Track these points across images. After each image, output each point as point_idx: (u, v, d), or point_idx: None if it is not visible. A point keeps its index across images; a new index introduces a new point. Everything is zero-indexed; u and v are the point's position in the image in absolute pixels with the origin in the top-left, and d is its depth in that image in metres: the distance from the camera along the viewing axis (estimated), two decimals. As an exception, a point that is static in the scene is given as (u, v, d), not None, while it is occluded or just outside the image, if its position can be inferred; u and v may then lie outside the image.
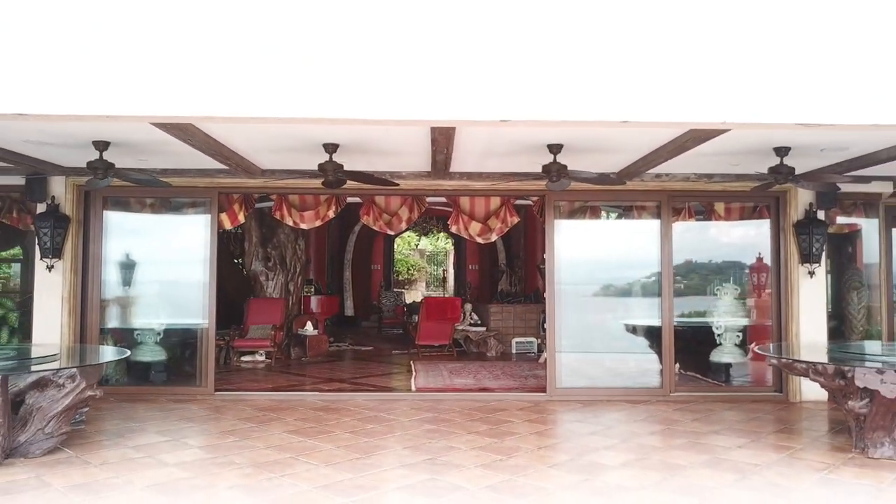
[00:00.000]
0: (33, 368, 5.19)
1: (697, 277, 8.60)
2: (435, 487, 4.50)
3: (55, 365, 5.42)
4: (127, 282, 8.01)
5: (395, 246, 21.82)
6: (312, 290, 12.87)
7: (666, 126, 4.99)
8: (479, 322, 12.31)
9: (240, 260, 11.96)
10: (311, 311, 12.32)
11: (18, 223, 7.82)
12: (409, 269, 26.85)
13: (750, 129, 5.01)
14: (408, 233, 21.50)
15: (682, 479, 4.72)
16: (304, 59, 4.03)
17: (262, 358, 10.26)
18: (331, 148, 6.06)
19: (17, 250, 8.53)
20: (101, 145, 6.02)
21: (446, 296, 22.14)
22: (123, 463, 5.03)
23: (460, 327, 11.94)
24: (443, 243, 25.41)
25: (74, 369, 5.25)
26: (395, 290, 19.87)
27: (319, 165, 6.18)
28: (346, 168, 6.29)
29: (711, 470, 4.91)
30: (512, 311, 12.33)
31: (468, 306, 12.51)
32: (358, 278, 17.96)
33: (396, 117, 4.21)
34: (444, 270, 26.63)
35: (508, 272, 16.63)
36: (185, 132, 5.32)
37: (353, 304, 17.51)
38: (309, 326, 11.04)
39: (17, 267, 8.53)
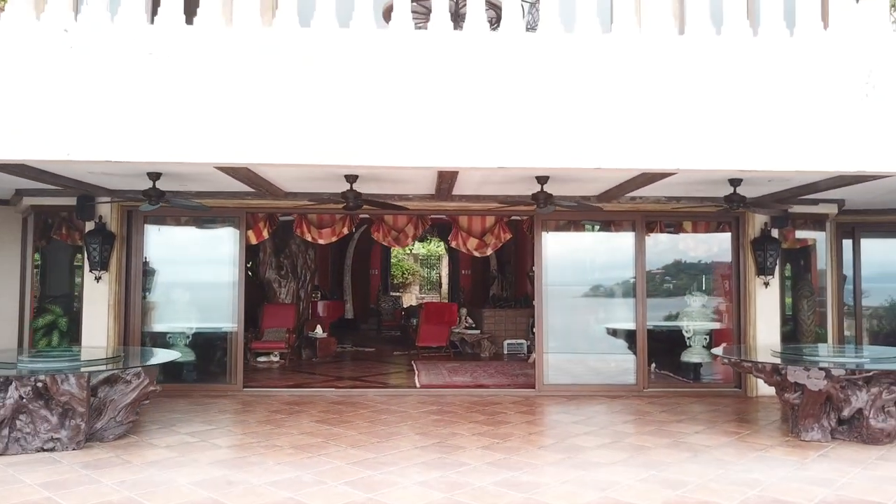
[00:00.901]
0: (105, 367, 6.19)
1: (669, 285, 9.67)
2: (445, 464, 5.54)
3: (120, 365, 6.42)
4: (163, 290, 9.00)
5: (392, 251, 22.77)
6: (318, 295, 13.88)
7: (629, 171, 6.08)
8: (473, 325, 13.36)
9: (249, 265, 12.91)
10: (317, 315, 13.34)
11: (67, 239, 8.82)
12: (403, 273, 27.83)
13: (696, 174, 6.10)
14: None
15: (646, 457, 5.78)
16: (339, 122, 5.08)
17: (276, 358, 11.26)
18: (351, 178, 7.08)
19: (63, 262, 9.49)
20: (154, 176, 7.02)
21: (440, 299, 23.19)
22: (184, 446, 6.05)
23: (456, 330, 12.99)
24: (435, 247, 26.45)
25: (139, 368, 6.26)
26: (392, 294, 20.88)
27: (342, 193, 7.21)
28: (362, 193, 7.33)
29: (671, 450, 5.98)
30: (503, 316, 13.38)
31: (464, 311, 13.57)
32: (357, 283, 18.96)
33: (412, 164, 5.32)
34: (437, 274, 27.73)
35: (500, 278, 17.71)
36: (234, 170, 6.35)
37: (353, 307, 18.52)
38: (319, 329, 12.06)
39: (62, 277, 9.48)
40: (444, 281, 26.20)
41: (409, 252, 28.17)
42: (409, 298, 25.19)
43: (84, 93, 5.24)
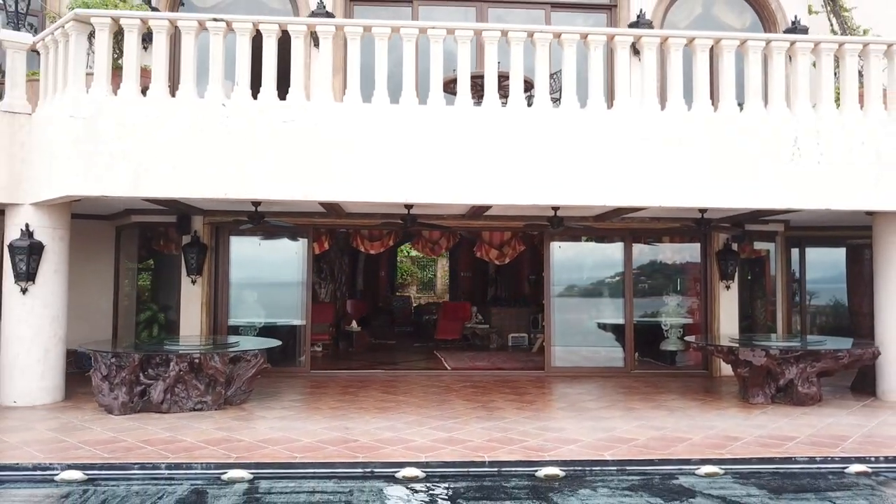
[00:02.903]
0: (238, 349, 8.23)
1: (651, 287, 11.85)
2: (492, 417, 7.66)
3: (238, 349, 8.45)
4: (243, 291, 11.01)
5: (397, 256, 24.78)
6: (346, 295, 15.92)
7: (612, 206, 8.27)
8: (482, 321, 15.50)
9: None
10: (346, 313, 15.39)
11: (164, 249, 10.83)
12: (402, 275, 29.88)
13: (665, 209, 8.28)
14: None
15: (636, 413, 7.95)
16: (400, 170, 7.21)
17: (319, 349, 13.29)
18: (409, 206, 9.17)
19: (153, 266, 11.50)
20: (256, 203, 9.06)
21: (436, 298, 25.28)
22: (294, 407, 8.12)
23: (469, 325, 15.13)
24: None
25: (258, 350, 8.30)
26: (399, 294, 22.92)
27: (401, 216, 9.32)
28: (416, 216, 9.44)
29: (654, 410, 8.15)
30: (508, 313, 15.51)
31: (474, 308, 15.70)
32: (367, 284, 20.99)
33: (455, 201, 7.47)
34: (432, 275, 29.83)
35: (497, 280, 19.85)
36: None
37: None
38: (354, 324, 14.13)
39: (158, 280, 11.47)
40: (439, 282, 28.49)
41: (407, 255, 30.23)
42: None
43: (234, 148, 7.32)
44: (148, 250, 11.07)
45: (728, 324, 10.95)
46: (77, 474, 5.73)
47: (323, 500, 5.26)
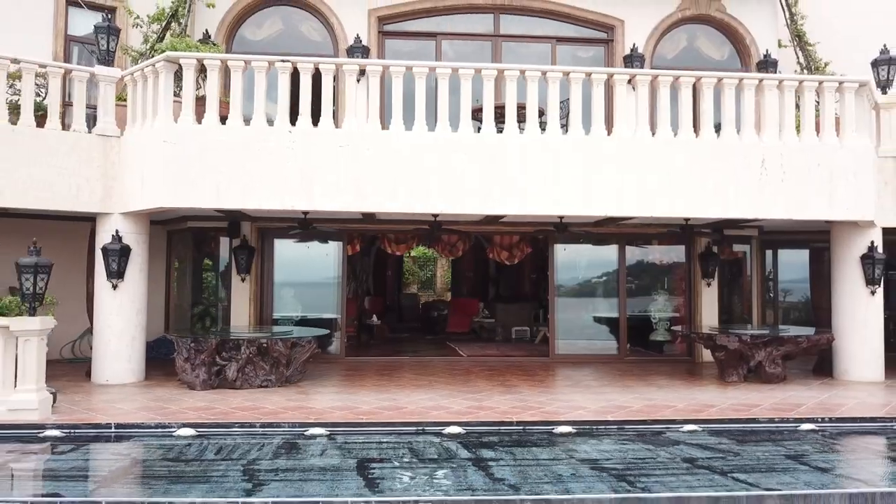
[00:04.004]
0: (295, 336, 9.73)
1: (642, 285, 13.43)
2: (511, 392, 9.20)
3: (296, 336, 9.95)
4: (286, 287, 12.51)
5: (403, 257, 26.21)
6: (366, 292, 17.43)
7: (610, 216, 9.82)
8: (488, 315, 17.06)
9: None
10: (365, 309, 16.89)
11: (214, 251, 12.30)
12: (403, 274, 31.37)
13: (654, 217, 9.82)
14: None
15: (630, 389, 9.51)
16: (427, 185, 8.75)
17: (345, 340, 14.77)
18: (436, 214, 10.69)
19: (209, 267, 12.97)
20: (305, 212, 10.55)
21: (435, 296, 26.80)
22: (343, 385, 9.64)
23: (476, 319, 16.67)
24: (423, 250, 30.12)
25: (311, 337, 9.81)
26: (405, 292, 24.43)
27: (429, 223, 10.84)
28: (441, 222, 10.96)
29: (645, 386, 9.72)
30: (512, 308, 17.05)
31: (481, 304, 17.26)
32: (376, 282, 22.47)
33: (480, 212, 9.01)
34: (431, 273, 31.40)
35: (499, 279, 21.37)
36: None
37: (375, 303, 22.03)
38: (374, 318, 15.65)
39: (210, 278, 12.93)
40: (438, 281, 30.10)
41: (408, 255, 31.74)
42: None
43: (298, 167, 8.82)
44: (199, 252, 12.54)
45: (709, 316, 12.54)
46: (190, 431, 7.22)
47: (389, 447, 6.77)
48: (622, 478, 5.76)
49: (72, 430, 7.15)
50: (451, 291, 25.41)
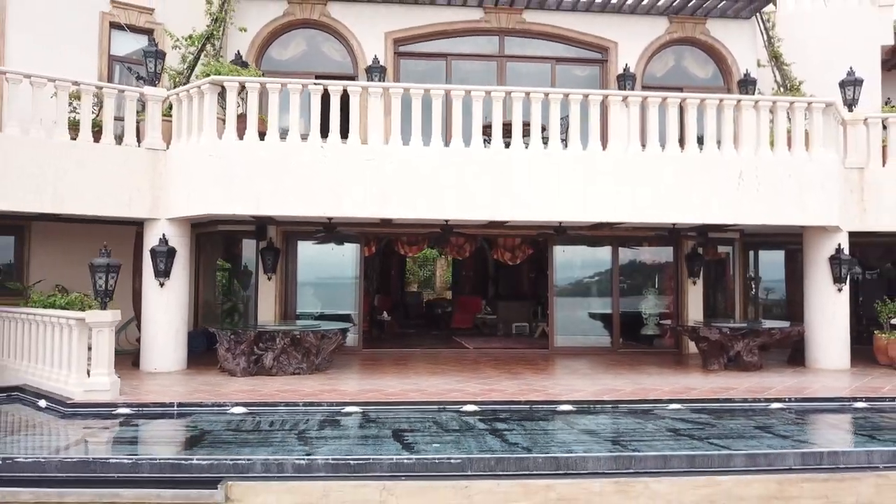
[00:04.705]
0: (324, 329, 10.85)
1: (633, 283, 14.60)
2: (517, 378, 10.35)
3: (321, 329, 11.07)
4: (308, 286, 13.63)
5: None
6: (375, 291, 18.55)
7: (602, 221, 10.98)
8: (490, 312, 18.22)
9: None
10: (375, 306, 18.02)
11: (241, 253, 13.39)
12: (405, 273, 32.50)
13: (642, 223, 10.97)
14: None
15: (623, 375, 10.68)
16: (437, 195, 9.91)
17: (362, 334, 15.89)
18: (447, 220, 11.81)
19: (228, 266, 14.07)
20: (329, 218, 11.65)
21: (435, 295, 27.95)
22: (367, 371, 10.76)
23: (479, 316, 17.83)
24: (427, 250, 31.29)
25: (338, 329, 10.93)
26: (408, 290, 25.57)
27: (441, 226, 11.98)
28: (452, 226, 12.10)
29: (636, 374, 10.88)
30: (512, 305, 18.22)
31: (483, 302, 18.42)
32: (382, 282, 23.60)
33: (490, 218, 10.13)
34: (430, 272, 32.59)
35: (497, 278, 22.53)
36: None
37: (381, 301, 23.15)
38: (385, 314, 16.79)
39: (236, 277, 14.03)
40: (437, 280, 31.34)
41: (410, 256, 32.90)
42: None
43: (329, 179, 9.93)
44: (227, 253, 13.64)
45: (695, 312, 13.72)
46: (242, 409, 8.33)
47: (417, 421, 7.90)
48: (616, 442, 6.92)
49: (140, 409, 8.26)
50: (452, 290, 26.58)
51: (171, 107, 10.82)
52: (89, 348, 8.45)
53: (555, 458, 6.25)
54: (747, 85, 12.92)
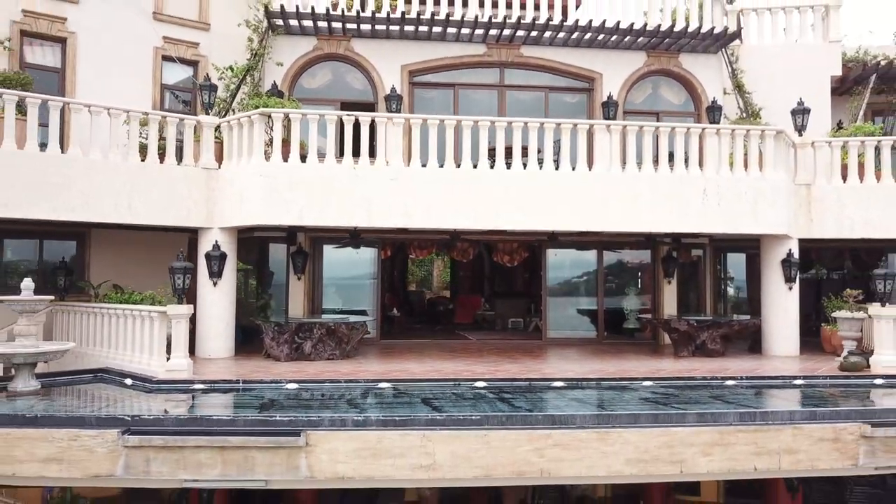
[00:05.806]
0: (353, 321, 12.74)
1: (616, 282, 16.57)
2: (517, 362, 12.27)
3: (350, 321, 12.96)
4: (332, 284, 15.51)
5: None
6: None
7: (591, 230, 12.96)
8: (488, 308, 20.16)
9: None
10: (385, 303, 19.90)
11: (271, 256, 15.27)
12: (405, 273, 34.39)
13: (624, 231, 12.96)
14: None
15: (607, 360, 12.63)
16: (446, 206, 11.86)
17: (379, 326, 17.78)
18: (455, 228, 13.72)
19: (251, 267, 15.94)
20: (354, 226, 13.54)
21: (433, 294, 29.86)
22: (390, 357, 12.67)
23: (478, 312, 19.77)
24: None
25: (364, 321, 12.83)
26: (410, 290, 27.47)
27: (450, 233, 13.90)
28: (459, 233, 14.02)
29: (618, 360, 12.84)
30: (509, 303, 20.18)
31: (482, 299, 20.36)
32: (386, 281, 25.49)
33: (493, 227, 12.08)
34: (428, 273, 34.53)
35: (493, 279, 24.47)
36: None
37: (386, 299, 25.03)
38: (394, 311, 18.69)
39: (269, 277, 15.88)
40: (435, 280, 33.33)
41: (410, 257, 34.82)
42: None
43: (360, 195, 11.84)
44: (262, 256, 15.50)
45: (670, 308, 15.71)
46: (294, 385, 10.21)
47: (440, 393, 9.81)
48: (599, 406, 8.88)
49: (212, 384, 10.13)
50: (450, 289, 28.51)
51: (218, 128, 12.69)
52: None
53: (551, 415, 8.19)
54: (714, 111, 14.91)
